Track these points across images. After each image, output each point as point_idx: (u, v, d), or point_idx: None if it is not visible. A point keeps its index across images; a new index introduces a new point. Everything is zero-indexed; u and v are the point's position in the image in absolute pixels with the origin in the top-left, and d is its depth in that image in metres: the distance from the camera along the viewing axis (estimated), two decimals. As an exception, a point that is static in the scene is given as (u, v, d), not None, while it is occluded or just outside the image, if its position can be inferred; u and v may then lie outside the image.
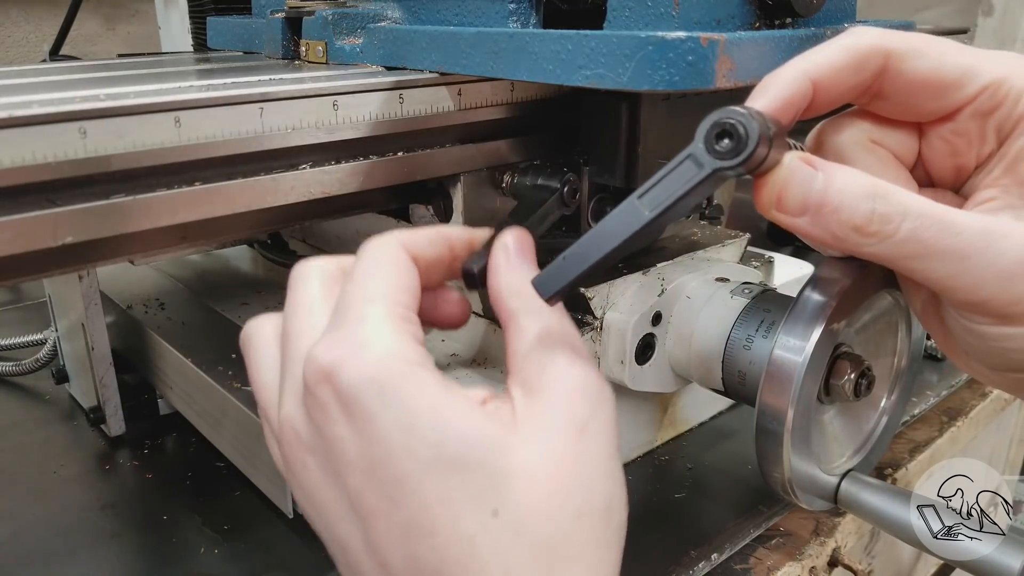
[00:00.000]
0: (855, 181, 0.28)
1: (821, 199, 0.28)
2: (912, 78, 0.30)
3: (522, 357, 0.29)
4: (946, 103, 0.30)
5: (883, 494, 0.46)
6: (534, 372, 0.28)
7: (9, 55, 1.10)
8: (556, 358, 0.29)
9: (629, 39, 0.34)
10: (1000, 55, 0.30)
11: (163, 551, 0.50)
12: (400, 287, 0.30)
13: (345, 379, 0.26)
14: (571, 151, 0.51)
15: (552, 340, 0.29)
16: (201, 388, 0.54)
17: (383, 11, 0.52)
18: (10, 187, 0.32)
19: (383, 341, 0.27)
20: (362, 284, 0.29)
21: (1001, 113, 0.29)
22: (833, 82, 0.30)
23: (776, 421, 0.44)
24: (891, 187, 0.28)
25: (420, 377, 0.27)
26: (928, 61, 0.29)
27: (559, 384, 0.28)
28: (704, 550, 0.49)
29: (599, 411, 0.28)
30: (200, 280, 0.71)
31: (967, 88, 0.29)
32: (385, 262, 0.30)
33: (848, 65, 0.30)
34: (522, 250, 0.32)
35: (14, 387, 0.71)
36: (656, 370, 0.53)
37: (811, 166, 0.29)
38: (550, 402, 0.28)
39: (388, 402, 0.26)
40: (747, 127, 0.26)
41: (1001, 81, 0.29)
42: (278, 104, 0.39)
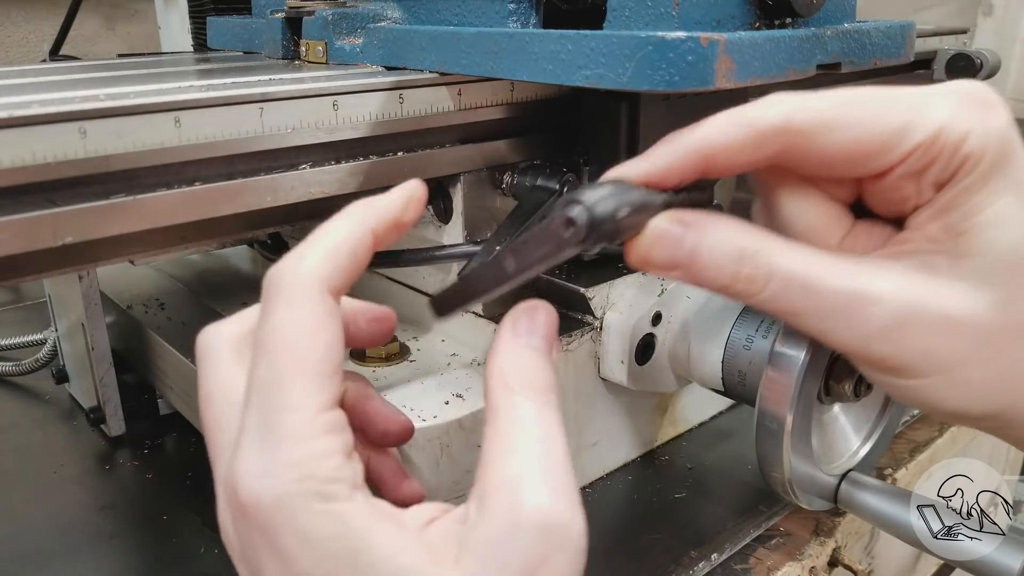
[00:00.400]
0: (724, 241, 0.28)
1: (690, 258, 0.28)
2: (826, 153, 0.28)
3: (485, 463, 0.26)
4: (870, 168, 0.28)
5: (883, 494, 0.46)
6: (491, 487, 0.25)
7: (9, 55, 1.10)
8: (524, 481, 0.25)
9: (629, 39, 0.34)
10: (942, 98, 0.27)
11: (163, 551, 0.50)
12: (319, 364, 0.26)
13: (264, 517, 0.25)
14: (571, 151, 0.51)
15: (521, 446, 0.26)
16: (201, 388, 0.54)
17: (383, 11, 0.52)
18: (10, 187, 0.32)
19: (300, 467, 0.25)
20: (275, 379, 0.26)
21: (937, 168, 0.27)
22: (727, 158, 0.28)
23: (776, 421, 0.44)
24: (761, 247, 0.28)
25: (342, 509, 0.25)
26: (846, 133, 0.27)
27: (515, 511, 0.24)
28: (704, 550, 0.49)
29: (554, 557, 0.24)
30: (200, 280, 0.71)
31: (894, 152, 0.27)
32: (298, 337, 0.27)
33: (745, 144, 0.28)
34: (532, 329, 0.29)
35: (14, 387, 0.71)
36: (656, 370, 0.53)
37: (683, 224, 0.29)
38: (499, 534, 0.24)
39: (307, 541, 0.24)
40: (588, 215, 0.27)
41: (935, 137, 0.27)
42: (278, 104, 0.39)
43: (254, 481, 0.25)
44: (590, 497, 0.54)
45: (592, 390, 0.53)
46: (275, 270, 0.28)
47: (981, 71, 0.74)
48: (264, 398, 0.26)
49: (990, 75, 0.75)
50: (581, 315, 0.52)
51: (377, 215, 0.30)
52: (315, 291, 0.27)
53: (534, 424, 0.26)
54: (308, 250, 0.28)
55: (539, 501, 0.24)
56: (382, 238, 0.30)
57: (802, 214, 0.31)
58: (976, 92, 0.28)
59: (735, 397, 0.52)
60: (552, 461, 0.26)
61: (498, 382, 0.28)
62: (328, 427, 0.26)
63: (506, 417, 0.27)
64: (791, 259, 0.28)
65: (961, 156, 0.27)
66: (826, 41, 0.38)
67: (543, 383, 0.28)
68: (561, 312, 0.53)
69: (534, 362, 0.28)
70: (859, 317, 0.28)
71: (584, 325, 0.51)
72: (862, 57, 0.40)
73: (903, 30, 0.42)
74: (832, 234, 0.31)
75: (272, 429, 0.25)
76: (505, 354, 0.28)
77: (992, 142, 0.27)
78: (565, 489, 0.25)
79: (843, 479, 0.48)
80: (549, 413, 0.27)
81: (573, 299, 0.52)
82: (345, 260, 0.28)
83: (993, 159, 0.27)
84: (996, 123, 0.27)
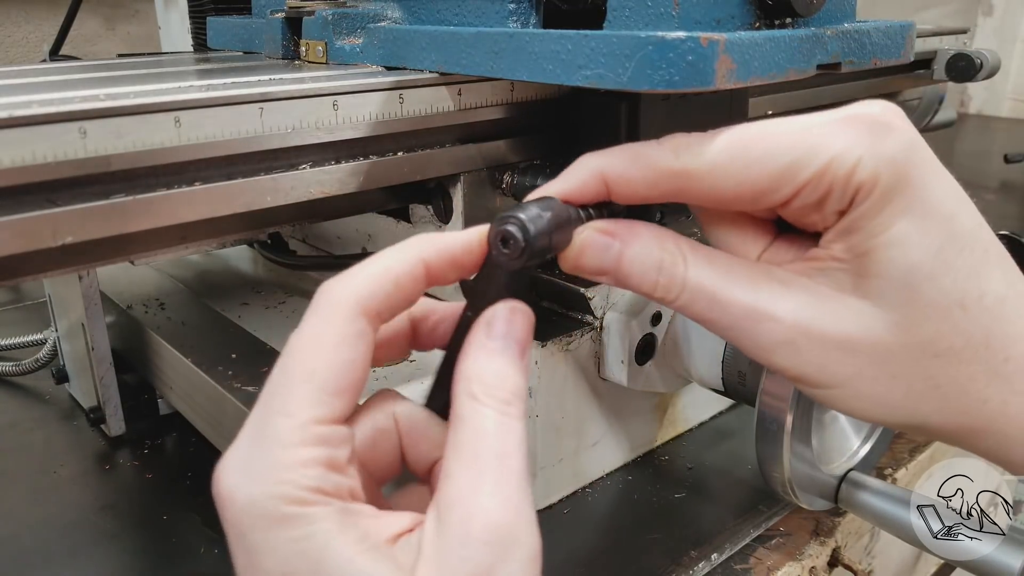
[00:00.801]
0: (645, 251, 0.30)
1: (616, 265, 0.30)
2: (715, 195, 0.29)
3: (444, 472, 0.27)
4: (763, 204, 0.29)
5: (883, 494, 0.46)
6: (447, 496, 0.26)
7: (9, 55, 1.10)
8: (474, 484, 0.26)
9: (629, 39, 0.34)
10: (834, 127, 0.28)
11: (163, 551, 0.50)
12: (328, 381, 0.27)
13: (233, 512, 0.26)
14: (571, 151, 0.51)
15: (479, 457, 0.26)
16: (201, 388, 0.54)
17: (383, 11, 0.52)
18: (10, 187, 0.32)
19: (278, 472, 0.25)
20: (280, 384, 0.27)
21: (832, 199, 0.28)
22: (626, 189, 0.30)
23: (776, 421, 0.44)
24: (677, 259, 0.30)
25: (310, 517, 0.25)
26: (734, 176, 0.28)
27: (467, 524, 0.25)
28: (704, 550, 0.49)
29: (508, 560, 0.25)
30: (200, 280, 0.71)
31: (782, 190, 0.28)
32: (315, 349, 0.27)
33: (641, 182, 0.30)
34: (507, 333, 0.29)
35: (14, 387, 0.71)
36: (656, 370, 0.53)
37: (609, 235, 0.31)
38: (451, 546, 0.25)
39: (272, 543, 0.25)
40: (522, 232, 0.28)
41: (823, 171, 0.27)
42: (278, 104, 0.39)
43: (233, 476, 0.26)
44: (590, 497, 0.54)
45: (592, 390, 0.53)
46: (323, 285, 0.29)
47: (981, 71, 0.74)
48: (267, 399, 0.27)
49: (990, 75, 0.75)
50: (581, 315, 0.52)
51: (434, 248, 0.30)
52: (347, 310, 0.27)
53: (493, 436, 0.27)
54: (356, 271, 0.29)
55: (488, 514, 0.25)
56: (436, 273, 0.30)
57: (721, 230, 0.32)
58: (870, 115, 0.28)
59: (735, 397, 0.52)
60: (506, 474, 0.26)
61: (463, 389, 0.28)
62: (318, 439, 0.26)
63: (466, 427, 0.27)
64: (700, 272, 0.30)
65: (854, 185, 0.27)
66: (826, 41, 0.38)
67: (510, 391, 0.28)
68: (561, 312, 0.53)
69: (504, 368, 0.28)
70: (757, 331, 0.29)
71: (584, 325, 0.51)
72: (862, 57, 0.40)
73: (903, 30, 0.42)
74: (751, 248, 0.32)
75: (263, 430, 0.26)
76: (474, 359, 0.29)
77: (884, 168, 0.27)
78: (517, 502, 0.26)
79: (843, 479, 0.48)
80: (510, 423, 0.27)
81: (573, 299, 0.52)
82: (389, 287, 0.28)
83: (887, 185, 0.27)
84: (889, 148, 0.27)
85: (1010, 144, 1.75)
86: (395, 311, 0.29)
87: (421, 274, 0.29)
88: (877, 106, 0.28)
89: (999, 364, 0.29)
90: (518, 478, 0.26)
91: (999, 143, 1.90)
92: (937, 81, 0.78)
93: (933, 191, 0.28)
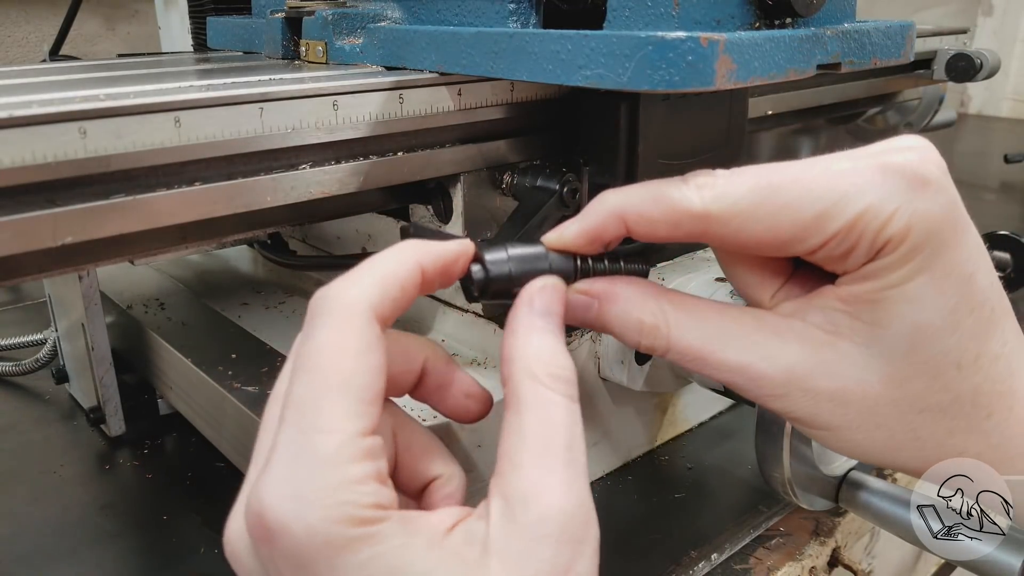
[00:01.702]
0: (625, 313, 0.30)
1: (599, 323, 0.31)
2: (738, 242, 0.28)
3: (511, 460, 0.26)
4: (789, 253, 0.28)
5: (883, 494, 0.46)
6: (519, 489, 0.25)
7: (9, 55, 1.10)
8: (548, 479, 0.25)
9: (629, 39, 0.34)
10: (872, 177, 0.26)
11: (163, 551, 0.50)
12: (362, 390, 0.26)
13: (293, 543, 0.24)
14: (571, 151, 0.51)
15: (550, 448, 0.26)
16: (201, 388, 0.54)
17: (383, 11, 0.52)
18: (10, 187, 0.32)
19: (335, 494, 0.24)
20: (313, 399, 0.25)
21: (859, 251, 0.27)
22: (646, 229, 0.29)
23: (776, 422, 0.44)
24: (659, 321, 0.30)
25: (378, 536, 0.24)
26: (761, 224, 0.27)
27: (545, 523, 0.25)
28: (704, 550, 0.49)
29: (581, 555, 0.25)
30: (200, 280, 0.71)
31: (810, 240, 0.27)
32: (343, 359, 0.26)
33: (662, 223, 0.29)
34: (549, 310, 0.28)
35: (14, 387, 0.71)
36: (656, 370, 0.53)
37: (589, 296, 0.31)
38: (529, 540, 0.24)
39: (343, 570, 0.23)
40: (484, 275, 0.29)
41: (855, 222, 0.26)
42: (278, 104, 0.39)
43: (284, 504, 0.24)
44: (590, 497, 0.54)
45: (592, 390, 0.53)
46: (323, 292, 0.27)
47: (981, 71, 0.74)
48: (300, 417, 0.25)
49: (990, 75, 0.75)
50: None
51: (431, 255, 0.29)
52: (364, 316, 0.27)
53: (563, 426, 0.26)
54: (359, 276, 0.28)
55: (565, 513, 0.25)
56: (430, 279, 0.29)
57: (739, 269, 0.32)
58: (909, 166, 0.27)
59: (735, 397, 0.52)
60: (576, 467, 0.26)
61: (522, 368, 0.27)
62: (366, 452, 0.25)
63: (535, 412, 0.26)
64: (684, 335, 0.30)
65: (884, 238, 0.26)
66: (826, 41, 0.38)
67: (569, 374, 0.28)
68: (561, 312, 0.53)
69: (557, 348, 0.28)
70: (748, 384, 0.29)
71: (584, 325, 0.51)
72: (862, 57, 0.40)
73: (903, 30, 0.42)
74: (767, 287, 0.31)
75: (305, 451, 0.24)
76: (526, 336, 0.28)
77: (918, 225, 0.26)
78: (587, 497, 0.26)
79: (844, 479, 0.48)
80: (575, 409, 0.27)
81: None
82: (395, 291, 0.28)
83: (916, 242, 0.26)
84: (925, 206, 0.26)
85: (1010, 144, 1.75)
86: (396, 316, 0.29)
87: (419, 279, 0.29)
88: (915, 153, 0.27)
89: (981, 420, 0.29)
90: (584, 470, 0.26)
91: (999, 143, 1.90)
92: (937, 81, 0.78)
93: (958, 252, 0.27)
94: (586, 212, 0.31)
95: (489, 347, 0.52)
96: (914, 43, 0.43)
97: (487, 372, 0.51)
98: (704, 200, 0.28)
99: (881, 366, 0.28)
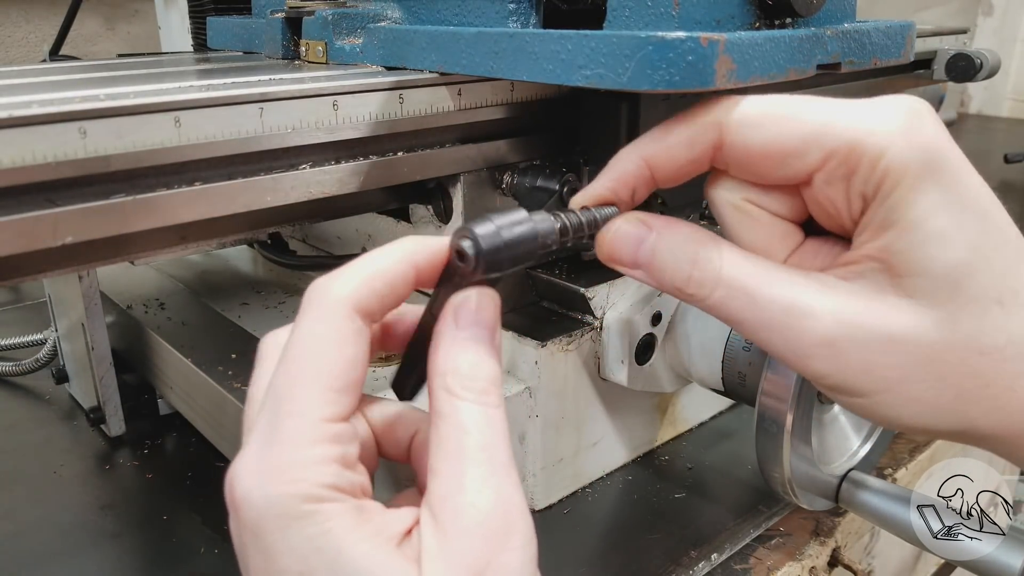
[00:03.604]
0: (680, 244, 0.30)
1: (650, 258, 0.30)
2: (747, 150, 0.29)
3: (432, 469, 0.27)
4: (789, 172, 0.29)
5: (883, 494, 0.46)
6: (437, 494, 0.26)
7: (9, 55, 1.10)
8: (461, 479, 0.26)
9: (629, 39, 0.34)
10: (866, 109, 0.28)
11: (163, 551, 0.50)
12: (334, 378, 0.27)
13: (250, 514, 0.26)
14: (571, 151, 0.51)
15: (463, 451, 0.27)
16: (201, 388, 0.54)
17: (383, 11, 0.52)
18: (10, 187, 0.32)
19: (293, 471, 0.25)
20: (288, 385, 0.27)
21: (859, 178, 0.27)
22: (666, 156, 0.30)
23: (776, 422, 0.44)
24: (713, 253, 0.29)
25: (327, 514, 0.25)
26: (764, 132, 0.28)
27: (461, 518, 0.26)
28: (704, 550, 0.49)
29: (504, 548, 0.26)
30: (200, 280, 0.71)
31: (809, 156, 0.28)
32: (318, 349, 0.27)
33: (680, 140, 0.30)
34: (477, 320, 0.29)
35: (14, 387, 0.71)
36: (656, 370, 0.53)
37: (645, 226, 0.31)
38: (449, 543, 0.25)
39: (290, 542, 0.25)
40: (476, 248, 0.28)
41: (852, 145, 0.27)
42: (278, 104, 0.39)
43: (249, 479, 0.26)
44: (590, 497, 0.54)
45: (592, 390, 0.53)
46: (313, 285, 0.29)
47: (981, 71, 0.74)
48: (275, 402, 0.27)
49: (990, 75, 0.75)
50: (581, 315, 0.52)
51: (425, 252, 0.29)
52: (344, 309, 0.28)
53: (475, 429, 0.27)
54: (347, 271, 0.29)
55: (480, 509, 0.26)
56: (425, 276, 0.30)
57: (747, 231, 0.31)
58: (904, 103, 0.28)
59: (735, 397, 0.52)
60: (492, 465, 0.27)
61: (439, 384, 0.28)
62: (332, 437, 0.26)
63: (447, 423, 0.27)
64: (738, 267, 0.29)
65: (882, 167, 0.27)
66: (826, 41, 0.38)
67: (485, 379, 0.28)
68: (561, 312, 0.53)
69: (477, 357, 0.28)
70: (795, 331, 0.28)
71: (584, 325, 0.51)
72: (862, 57, 0.40)
73: (903, 30, 0.42)
74: (777, 251, 0.31)
75: (275, 433, 0.26)
76: (446, 351, 0.29)
77: (915, 155, 0.27)
78: (507, 492, 0.26)
79: (843, 479, 0.48)
80: (490, 413, 0.28)
81: (573, 299, 0.52)
82: (381, 286, 0.28)
83: (918, 173, 0.26)
84: (920, 136, 0.27)
85: (1010, 144, 1.75)
86: (385, 312, 0.29)
87: (412, 277, 0.29)
88: (909, 97, 0.28)
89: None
90: (504, 467, 0.27)
91: (999, 143, 1.90)
92: (937, 81, 0.78)
93: (968, 185, 0.27)
94: (607, 167, 0.32)
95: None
96: (914, 43, 0.43)
97: (487, 372, 0.51)
98: (716, 110, 0.29)
99: (930, 311, 0.27)
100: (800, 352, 0.28)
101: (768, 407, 0.44)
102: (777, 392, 0.44)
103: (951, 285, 0.27)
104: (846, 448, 0.51)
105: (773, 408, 0.44)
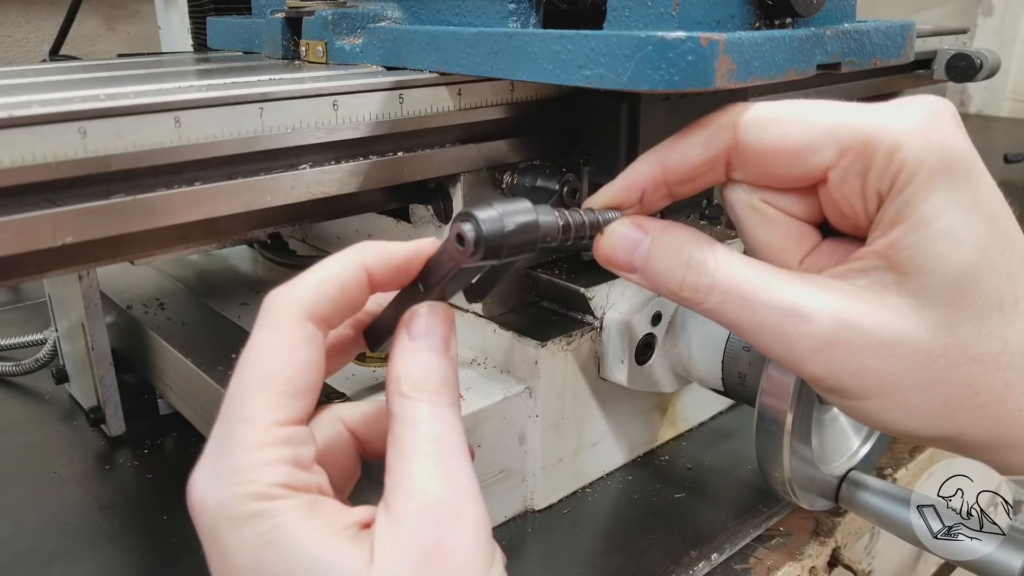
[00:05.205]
0: (675, 247, 0.30)
1: (644, 262, 0.31)
2: (761, 147, 0.29)
3: (388, 466, 0.28)
4: (804, 169, 0.29)
5: (883, 494, 0.46)
6: (390, 486, 0.27)
7: (9, 55, 1.10)
8: (411, 468, 0.27)
9: (629, 39, 0.34)
10: (884, 106, 0.28)
11: (163, 551, 0.50)
12: (284, 384, 0.28)
13: (205, 517, 0.27)
14: (571, 151, 0.51)
15: (415, 444, 0.28)
16: (201, 388, 0.54)
17: (383, 11, 0.52)
18: (10, 187, 0.32)
19: (244, 473, 0.26)
20: (239, 392, 0.28)
21: (874, 175, 0.27)
22: (680, 161, 0.30)
23: (776, 422, 0.44)
24: (708, 257, 0.29)
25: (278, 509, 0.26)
26: (778, 129, 0.29)
27: (410, 502, 0.26)
28: (704, 550, 0.49)
29: (453, 529, 0.26)
30: (200, 280, 0.71)
31: (823, 152, 0.28)
32: (268, 356, 0.28)
33: (695, 143, 0.30)
34: (428, 331, 0.30)
35: (14, 387, 0.71)
36: (656, 370, 0.53)
37: (640, 229, 0.31)
38: (399, 527, 0.26)
39: (243, 539, 0.26)
40: (476, 233, 0.27)
41: (867, 139, 0.27)
42: (278, 104, 0.39)
43: (202, 484, 0.27)
44: (590, 497, 0.54)
45: (592, 390, 0.53)
46: (269, 295, 0.29)
47: (981, 71, 0.74)
48: (228, 409, 0.28)
49: (990, 75, 0.75)
50: (581, 315, 0.52)
51: (377, 256, 0.30)
52: (295, 316, 0.28)
53: (426, 423, 0.28)
54: (300, 279, 0.30)
55: (428, 492, 0.27)
56: (379, 280, 0.30)
57: (764, 233, 0.31)
58: (925, 101, 0.28)
59: (735, 397, 0.52)
60: (441, 454, 0.28)
61: (394, 390, 0.29)
62: (281, 440, 0.27)
63: (401, 423, 0.28)
64: (732, 271, 0.29)
65: (897, 163, 0.27)
66: (826, 41, 0.38)
67: (437, 382, 0.29)
68: (561, 312, 0.53)
69: (429, 363, 0.29)
70: (791, 335, 0.28)
71: (584, 325, 0.51)
72: (862, 57, 0.40)
73: (903, 30, 0.42)
74: (793, 252, 0.31)
75: (227, 439, 0.27)
76: (401, 360, 0.30)
77: (932, 152, 0.26)
78: (455, 478, 0.27)
79: (843, 479, 0.48)
80: (441, 410, 0.29)
81: (573, 299, 0.52)
82: (332, 291, 0.29)
83: (933, 169, 0.26)
84: (938, 133, 0.27)
85: (1010, 144, 1.75)
86: (342, 316, 0.30)
87: (365, 281, 0.30)
88: (929, 96, 0.28)
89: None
90: (453, 456, 0.28)
91: (999, 143, 1.90)
92: (937, 81, 0.78)
93: (981, 188, 0.27)
94: (623, 172, 0.32)
95: (489, 347, 0.52)
96: (914, 43, 0.43)
97: (486, 372, 0.51)
98: (732, 111, 0.30)
99: (930, 315, 0.27)
100: (797, 355, 0.28)
101: (768, 407, 0.44)
102: (777, 392, 0.44)
103: (955, 286, 0.27)
104: (846, 448, 0.51)
105: (773, 408, 0.44)
